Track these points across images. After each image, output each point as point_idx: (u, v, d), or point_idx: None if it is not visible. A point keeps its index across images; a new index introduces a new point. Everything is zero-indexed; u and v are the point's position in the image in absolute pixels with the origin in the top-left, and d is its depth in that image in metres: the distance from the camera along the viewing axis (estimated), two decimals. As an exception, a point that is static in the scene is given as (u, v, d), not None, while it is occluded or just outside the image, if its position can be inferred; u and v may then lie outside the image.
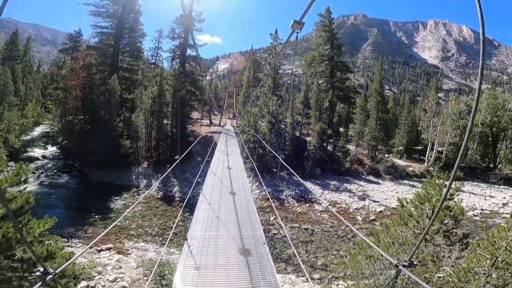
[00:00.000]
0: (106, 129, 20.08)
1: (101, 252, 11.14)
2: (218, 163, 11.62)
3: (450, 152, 31.40)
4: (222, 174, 9.65)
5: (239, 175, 9.93)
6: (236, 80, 54.18)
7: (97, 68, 28.32)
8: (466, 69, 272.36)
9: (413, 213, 5.42)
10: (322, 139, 24.67)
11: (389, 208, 18.32)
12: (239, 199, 7.09)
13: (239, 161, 12.89)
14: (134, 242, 12.05)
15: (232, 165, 11.22)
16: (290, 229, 14.21)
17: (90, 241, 12.13)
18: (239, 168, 11.12)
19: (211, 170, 10.15)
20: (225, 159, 12.47)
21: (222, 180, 8.77)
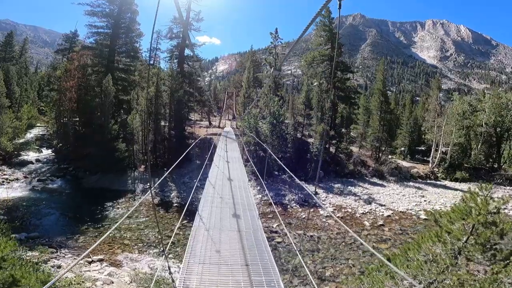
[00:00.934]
0: (101, 132, 19.28)
1: (92, 264, 10.32)
2: (217, 172, 10.58)
3: (455, 153, 30.76)
4: (223, 188, 8.58)
5: (243, 190, 8.69)
6: (236, 80, 53.46)
7: (93, 69, 27.63)
8: (465, 69, 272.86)
9: (452, 228, 4.64)
10: (325, 140, 23.92)
11: (397, 212, 17.58)
12: (245, 225, 5.97)
13: (241, 169, 11.90)
14: (128, 253, 11.25)
15: (234, 176, 10.18)
16: (295, 237, 13.43)
17: (81, 251, 11.35)
18: (241, 179, 10.01)
19: (210, 181, 9.05)
20: (225, 167, 11.52)
21: (222, 196, 7.64)
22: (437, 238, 4.72)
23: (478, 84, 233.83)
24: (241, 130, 25.50)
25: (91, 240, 12.15)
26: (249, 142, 20.60)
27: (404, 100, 59.13)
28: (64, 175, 20.98)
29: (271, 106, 21.36)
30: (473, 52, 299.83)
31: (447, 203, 20.41)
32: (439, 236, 4.68)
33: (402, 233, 14.89)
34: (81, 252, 11.26)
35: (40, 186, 18.90)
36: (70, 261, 10.61)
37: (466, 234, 4.49)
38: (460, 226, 4.49)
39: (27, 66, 49.93)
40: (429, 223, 16.74)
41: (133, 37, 30.72)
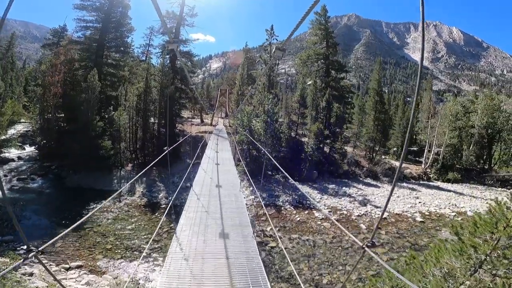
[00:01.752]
0: (85, 129, 18.25)
1: (69, 271, 9.49)
2: (204, 178, 9.28)
3: (447, 154, 30.79)
4: (209, 198, 7.20)
5: (233, 200, 7.27)
6: (229, 78, 52.54)
7: (80, 63, 26.52)
8: (455, 70, 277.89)
9: (477, 242, 4.05)
10: (319, 140, 23.42)
11: (392, 215, 17.20)
12: (235, 249, 4.67)
13: (232, 173, 10.51)
14: (110, 259, 10.44)
15: (224, 181, 8.87)
16: (289, 241, 12.84)
17: (58, 257, 10.48)
18: (232, 185, 8.62)
19: (194, 190, 7.67)
20: (214, 171, 10.37)
21: (208, 210, 6.32)
22: (458, 251, 4.14)
23: (468, 85, 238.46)
24: (234, 128, 24.78)
25: (70, 245, 11.27)
26: (242, 141, 19.90)
27: (397, 100, 59.44)
28: (46, 173, 19.84)
29: (265, 104, 20.69)
30: (464, 54, 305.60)
31: (442, 205, 20.22)
32: (462, 250, 4.09)
33: (400, 236, 14.49)
34: (58, 258, 10.41)
35: (20, 186, 17.80)
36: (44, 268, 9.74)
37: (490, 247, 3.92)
38: (488, 240, 3.92)
39: (14, 61, 48.10)
40: (425, 225, 16.48)
41: (124, 31, 29.69)
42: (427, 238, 14.75)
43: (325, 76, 29.85)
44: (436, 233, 15.49)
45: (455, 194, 23.92)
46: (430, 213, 18.42)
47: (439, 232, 15.67)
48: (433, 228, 16.20)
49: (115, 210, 14.54)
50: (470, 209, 19.93)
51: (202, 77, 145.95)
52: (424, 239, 14.58)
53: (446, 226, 16.61)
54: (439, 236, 15.24)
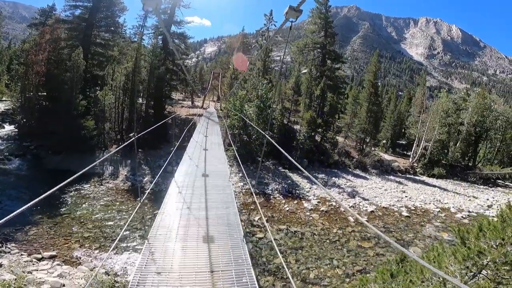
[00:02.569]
0: (67, 108, 17.14)
1: (41, 262, 8.87)
2: (190, 165, 8.33)
3: (435, 149, 31.13)
4: (193, 191, 6.22)
5: (221, 192, 6.37)
6: (223, 62, 50.95)
7: (67, 42, 25.17)
8: (449, 68, 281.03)
9: (484, 247, 3.72)
10: (311, 128, 23.05)
11: (380, 208, 17.22)
12: (221, 259, 3.80)
13: (221, 161, 9.54)
14: (87, 249, 9.87)
15: (211, 169, 7.92)
16: (277, 232, 12.59)
17: (30, 246, 9.82)
18: (221, 174, 7.65)
19: (176, 181, 6.71)
20: (201, 157, 9.51)
21: (191, 206, 5.32)
22: (462, 256, 3.81)
23: (459, 83, 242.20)
24: (225, 112, 24.06)
25: (44, 233, 10.60)
26: (233, 125, 19.29)
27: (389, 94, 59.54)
28: (25, 154, 18.73)
29: (259, 89, 19.99)
30: (460, 52, 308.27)
31: (427, 200, 20.45)
32: (468, 255, 3.77)
33: (386, 230, 14.51)
34: (30, 247, 9.75)
35: (-4, 166, 16.74)
36: (16, 257, 9.09)
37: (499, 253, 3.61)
38: (493, 245, 3.59)
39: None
40: (411, 220, 16.61)
41: (116, 11, 28.23)
42: (412, 234, 14.85)
43: (321, 65, 29.26)
44: (421, 229, 15.63)
45: (439, 189, 24.27)
46: (415, 208, 18.57)
47: (423, 228, 15.83)
48: (418, 223, 16.33)
49: (95, 195, 13.86)
50: (453, 206, 20.26)
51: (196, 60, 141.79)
52: (409, 235, 14.66)
53: (430, 222, 16.87)
54: (423, 232, 15.42)
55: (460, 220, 17.91)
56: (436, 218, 17.47)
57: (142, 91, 22.09)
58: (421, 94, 34.50)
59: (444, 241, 14.54)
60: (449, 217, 18.02)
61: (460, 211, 19.34)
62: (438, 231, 15.68)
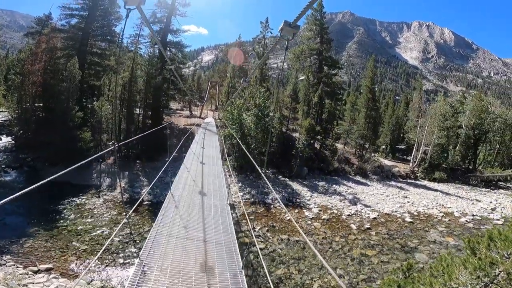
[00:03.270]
0: (63, 119, 17.01)
1: (37, 275, 8.66)
2: (187, 180, 7.87)
3: (435, 153, 31.06)
4: (190, 210, 5.85)
5: (219, 216, 5.84)
6: (221, 70, 51.24)
7: (63, 52, 25.12)
8: (444, 71, 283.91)
9: (495, 258, 3.55)
10: (310, 136, 22.94)
11: (382, 214, 16.99)
12: None
13: (219, 176, 9.01)
14: (84, 261, 9.63)
15: (209, 187, 7.41)
16: (278, 242, 12.33)
17: (26, 258, 9.60)
18: (217, 196, 7.09)
19: (173, 195, 6.31)
20: (199, 171, 9.12)
21: (188, 225, 4.91)
22: (473, 267, 3.64)
23: (455, 86, 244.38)
24: (223, 121, 23.97)
25: (40, 245, 10.36)
26: (231, 135, 19.17)
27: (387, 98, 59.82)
28: (21, 165, 18.52)
29: (257, 98, 19.95)
30: (453, 55, 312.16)
31: (429, 205, 20.25)
32: (480, 266, 3.59)
33: (389, 237, 14.26)
34: (26, 260, 9.53)
35: (-9, 178, 16.49)
36: (11, 270, 8.90)
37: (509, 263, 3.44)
38: (510, 255, 3.43)
39: (-5, 50, 45.95)
40: (414, 226, 16.36)
41: (112, 20, 28.31)
42: (417, 240, 14.60)
43: (317, 72, 29.38)
44: (425, 235, 15.39)
45: (441, 194, 24.10)
46: (418, 213, 18.36)
47: (428, 234, 15.58)
48: (422, 229, 16.10)
49: (93, 207, 13.61)
50: (457, 210, 20.06)
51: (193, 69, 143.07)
52: (413, 241, 14.41)
53: (434, 227, 16.64)
54: (428, 237, 15.17)
55: (464, 224, 17.69)
56: (440, 223, 17.24)
57: (139, 101, 22.00)
58: (419, 99, 34.61)
59: (450, 246, 14.34)
60: (453, 222, 17.79)
61: (464, 215, 19.13)
62: (443, 236, 15.45)
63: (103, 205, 13.85)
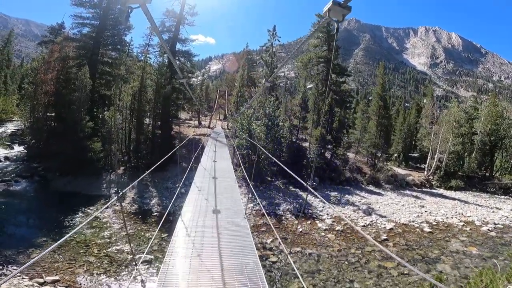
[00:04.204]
0: (74, 129, 17.14)
1: (43, 287, 8.47)
2: (198, 199, 7.17)
3: (450, 161, 30.08)
4: (204, 233, 5.15)
5: (236, 236, 5.11)
6: (229, 79, 51.56)
7: (75, 61, 25.58)
8: (453, 76, 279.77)
9: None
10: (321, 145, 22.49)
11: (399, 225, 16.27)
12: None
13: (234, 192, 8.26)
14: (92, 274, 9.38)
15: (223, 206, 6.68)
16: (291, 255, 11.82)
17: (32, 269, 9.41)
18: (233, 214, 6.26)
19: (183, 220, 5.63)
20: (211, 187, 8.45)
21: (201, 253, 4.37)
22: None
23: (465, 92, 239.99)
24: (233, 131, 23.82)
25: (47, 256, 10.17)
26: (241, 146, 18.92)
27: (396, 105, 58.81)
28: (32, 175, 18.66)
29: (267, 107, 19.74)
30: (462, 60, 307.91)
31: (448, 214, 19.41)
32: None
33: (408, 248, 13.58)
34: (32, 271, 9.35)
35: (2, 188, 16.60)
36: (17, 281, 8.72)
37: None
38: None
39: (9, 58, 47.06)
40: (434, 236, 15.58)
41: (122, 29, 28.78)
42: (438, 250, 13.86)
43: (326, 80, 29.15)
44: (446, 245, 14.62)
45: (460, 202, 23.17)
46: (437, 222, 17.56)
47: (449, 244, 14.81)
48: (442, 239, 15.33)
49: (102, 217, 13.45)
50: (478, 218, 19.18)
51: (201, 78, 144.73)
52: (434, 251, 13.69)
53: (455, 237, 15.82)
54: (449, 248, 14.40)
55: (486, 233, 16.82)
56: (461, 232, 16.43)
57: (148, 111, 22.07)
58: (431, 105, 33.81)
59: (474, 257, 13.55)
60: (475, 231, 16.95)
61: (485, 224, 18.22)
62: (465, 246, 14.66)
63: (112, 215, 13.67)
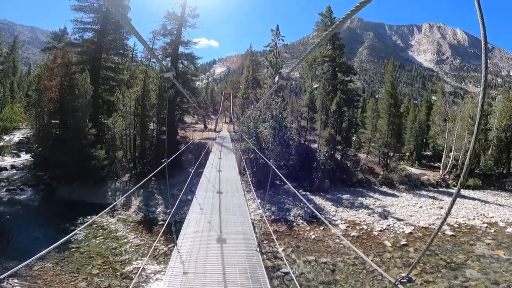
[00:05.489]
0: (77, 136, 16.79)
1: None
2: (199, 222, 6.23)
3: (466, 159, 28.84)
4: (205, 272, 4.40)
5: (249, 282, 4.27)
6: (234, 81, 51.13)
7: (78, 66, 25.35)
8: (461, 72, 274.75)
9: None
10: (331, 146, 21.66)
11: (418, 228, 15.36)
12: None
13: (243, 216, 6.93)
14: (96, 286, 8.87)
15: (230, 231, 5.59)
16: (305, 265, 11.11)
17: (34, 282, 8.94)
18: (245, 247, 5.16)
19: (179, 251, 4.80)
20: (215, 206, 7.49)
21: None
22: None
23: (474, 87, 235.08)
24: (239, 135, 23.22)
25: (50, 268, 9.72)
26: (248, 149, 18.29)
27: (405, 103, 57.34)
28: (38, 184, 18.42)
29: (273, 109, 19.09)
30: (469, 56, 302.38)
31: (469, 215, 18.38)
32: None
33: (431, 254, 12.71)
34: (34, 284, 8.88)
35: (7, 197, 16.36)
36: None
37: None
38: None
39: (16, 66, 47.25)
40: (457, 240, 14.62)
41: (123, 33, 28.51)
42: (463, 255, 12.95)
43: (332, 79, 28.44)
44: (471, 249, 13.69)
45: (479, 202, 22.05)
46: (459, 225, 16.58)
47: (474, 247, 13.87)
48: (466, 242, 14.39)
49: (106, 227, 12.98)
50: (501, 219, 18.11)
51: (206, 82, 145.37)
52: (459, 256, 12.78)
53: (480, 240, 14.85)
54: (475, 251, 13.46)
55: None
56: (486, 235, 15.44)
57: (153, 116, 21.63)
58: (444, 102, 32.64)
59: (502, 260, 12.61)
60: (500, 233, 15.95)
61: (509, 225, 17.20)
62: (491, 249, 13.72)
63: (117, 225, 13.19)
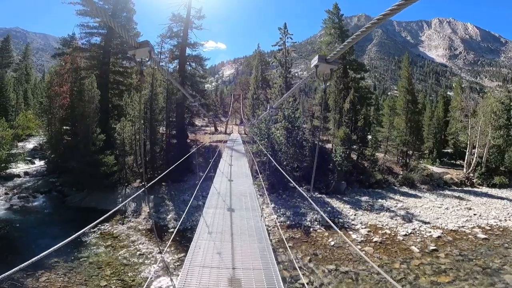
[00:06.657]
0: (86, 143, 16.52)
1: None
2: (206, 250, 5.35)
3: (491, 156, 27.20)
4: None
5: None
6: (243, 82, 50.59)
7: (87, 72, 25.34)
8: (475, 66, 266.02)
9: None
10: (346, 146, 20.66)
11: (447, 232, 14.21)
12: None
13: (260, 243, 5.82)
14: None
15: (243, 261, 4.76)
16: (324, 274, 10.26)
17: None
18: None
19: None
20: (227, 227, 6.53)
21: None
22: None
23: (490, 82, 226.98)
24: (250, 136, 22.56)
25: (57, 279, 9.29)
26: (261, 151, 17.59)
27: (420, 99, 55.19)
28: (50, 190, 18.30)
29: (285, 109, 18.32)
30: (482, 50, 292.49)
31: (501, 216, 17.05)
32: None
33: (464, 259, 11.66)
34: None
35: (20, 204, 16.20)
36: None
37: None
38: None
39: (29, 73, 48.09)
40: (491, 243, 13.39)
41: (130, 36, 28.36)
42: (499, 259, 11.81)
43: (343, 77, 27.45)
44: (507, 252, 12.51)
45: (509, 202, 20.60)
46: (491, 227, 15.35)
47: (510, 251, 12.68)
48: (501, 245, 13.21)
49: (117, 235, 12.52)
50: (535, 219, 16.67)
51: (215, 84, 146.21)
52: (495, 261, 11.66)
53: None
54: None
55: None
56: None
57: (162, 120, 21.23)
58: (464, 97, 31.02)
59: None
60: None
61: (549, 229, 15.71)
62: (530, 252, 12.50)
63: (127, 232, 12.71)
